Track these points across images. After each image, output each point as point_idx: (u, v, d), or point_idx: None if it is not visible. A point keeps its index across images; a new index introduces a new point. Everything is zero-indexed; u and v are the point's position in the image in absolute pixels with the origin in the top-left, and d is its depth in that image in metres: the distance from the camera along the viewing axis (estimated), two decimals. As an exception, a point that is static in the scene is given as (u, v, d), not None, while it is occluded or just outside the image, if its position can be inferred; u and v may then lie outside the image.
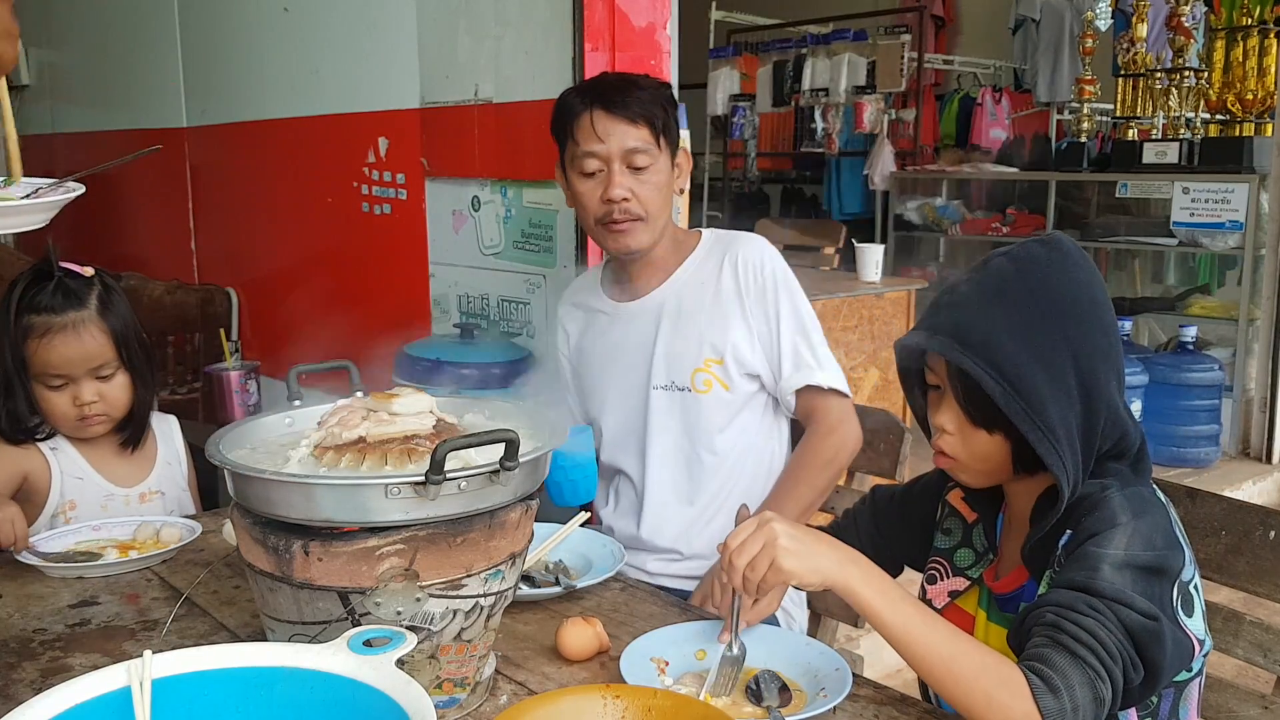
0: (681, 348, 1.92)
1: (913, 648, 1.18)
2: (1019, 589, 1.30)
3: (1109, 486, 1.21)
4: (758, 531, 1.24)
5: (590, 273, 2.15)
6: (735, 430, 1.93)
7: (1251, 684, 1.51)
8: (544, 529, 1.67)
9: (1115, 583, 1.13)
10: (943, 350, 1.23)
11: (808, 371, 1.89)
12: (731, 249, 1.94)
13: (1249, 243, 4.76)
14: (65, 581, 1.61)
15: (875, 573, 1.22)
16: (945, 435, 1.28)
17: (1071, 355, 1.20)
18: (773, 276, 1.91)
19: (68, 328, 1.79)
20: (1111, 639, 1.11)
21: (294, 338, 2.71)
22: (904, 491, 1.56)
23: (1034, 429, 1.18)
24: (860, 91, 6.78)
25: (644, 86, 1.88)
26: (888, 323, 3.78)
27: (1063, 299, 1.22)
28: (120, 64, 4.46)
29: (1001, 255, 1.26)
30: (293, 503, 1.13)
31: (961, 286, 1.26)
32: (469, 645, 1.21)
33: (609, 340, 2.01)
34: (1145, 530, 1.17)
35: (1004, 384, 1.18)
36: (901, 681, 1.48)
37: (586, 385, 2.03)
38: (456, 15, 2.84)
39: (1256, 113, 5.08)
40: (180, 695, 0.95)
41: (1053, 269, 1.23)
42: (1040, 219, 5.90)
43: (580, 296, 2.10)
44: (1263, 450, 4.74)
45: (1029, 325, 1.20)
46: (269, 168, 3.74)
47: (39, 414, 1.85)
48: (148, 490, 1.95)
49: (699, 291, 1.94)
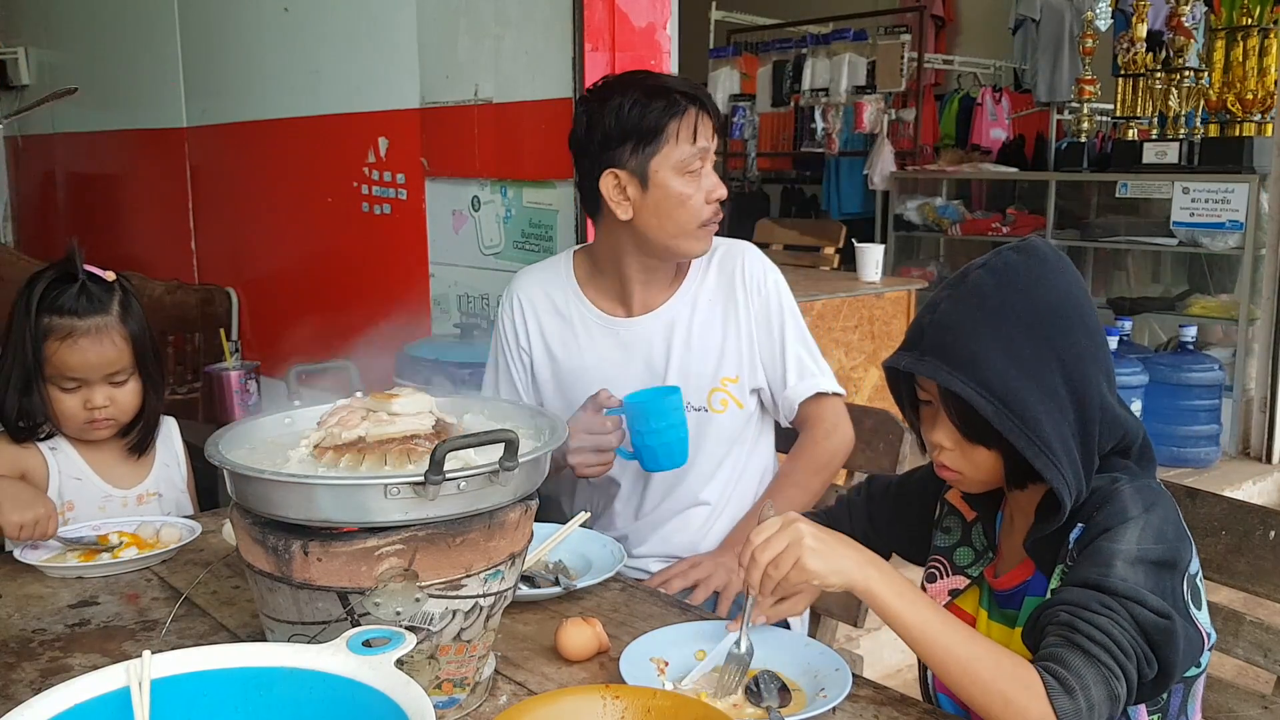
0: (699, 368, 1.89)
1: (931, 649, 1.18)
2: (1020, 585, 1.30)
3: (1118, 480, 1.21)
4: (783, 530, 1.24)
5: (552, 268, 2.00)
6: (745, 444, 1.93)
7: (1251, 684, 1.51)
8: (544, 529, 1.67)
9: (1129, 579, 1.14)
10: (931, 374, 1.22)
11: (812, 380, 1.89)
12: (734, 262, 1.91)
13: (1249, 243, 4.76)
14: (65, 581, 1.61)
15: (894, 575, 1.23)
16: (944, 451, 1.28)
17: (1059, 363, 1.19)
18: (775, 288, 1.91)
19: (90, 332, 1.79)
20: (1125, 637, 1.12)
21: (294, 338, 2.71)
22: (899, 484, 1.56)
23: (1030, 445, 1.18)
24: (860, 91, 6.78)
25: (689, 83, 1.87)
26: (888, 323, 3.78)
27: (1044, 307, 1.21)
28: (120, 64, 4.47)
29: (979, 268, 1.25)
30: (292, 503, 1.13)
31: (942, 304, 1.25)
32: (468, 645, 1.21)
33: (606, 357, 1.90)
34: (1156, 523, 1.17)
35: (995, 402, 1.18)
36: (901, 681, 1.48)
37: (576, 398, 1.86)
38: (456, 15, 2.85)
39: (1257, 113, 5.08)
40: (179, 695, 0.95)
41: (1031, 277, 1.22)
42: (1040, 219, 5.90)
43: (553, 297, 1.96)
44: (1263, 450, 4.74)
45: (1014, 338, 1.19)
46: (269, 168, 3.75)
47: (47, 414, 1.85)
48: (145, 492, 1.95)
49: (709, 309, 1.90)
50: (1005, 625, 1.32)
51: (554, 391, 1.96)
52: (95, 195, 4.78)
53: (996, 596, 1.34)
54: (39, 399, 1.81)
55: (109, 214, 4.67)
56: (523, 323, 1.97)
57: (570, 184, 2.54)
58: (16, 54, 5.10)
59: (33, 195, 5.25)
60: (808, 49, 7.01)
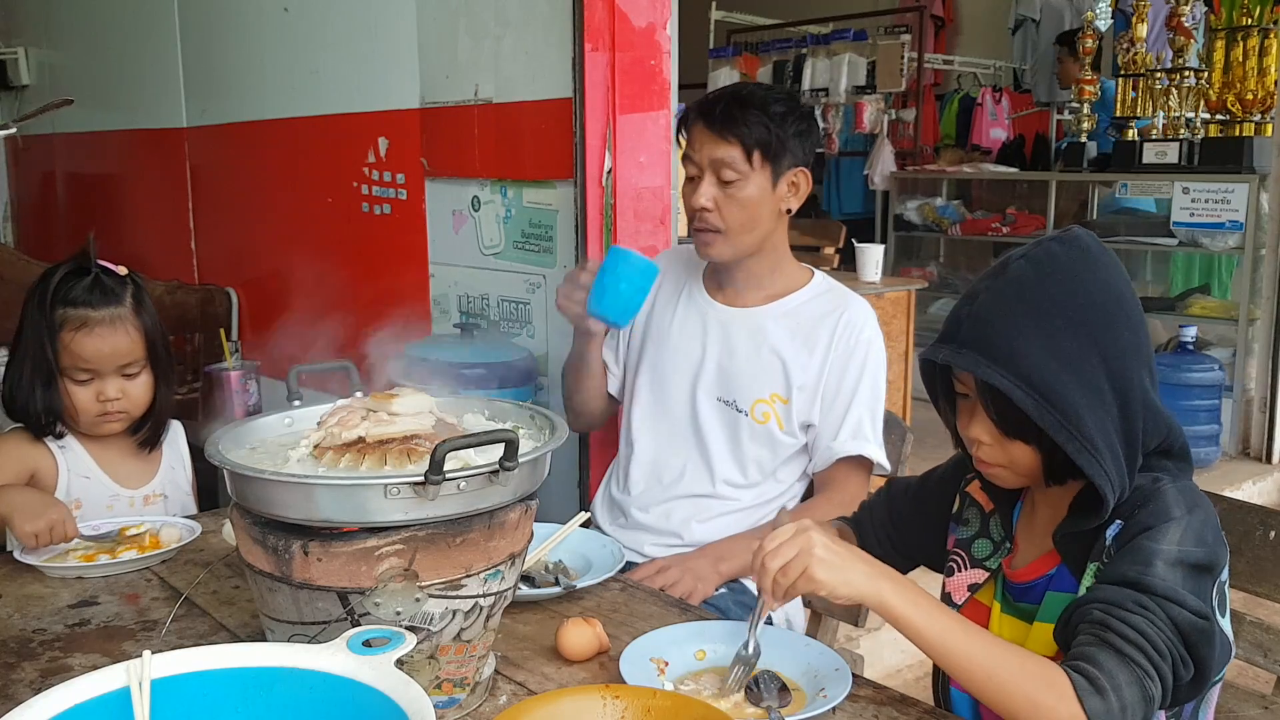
0: (752, 372, 1.94)
1: (952, 657, 1.17)
2: (1040, 579, 1.28)
3: (1160, 479, 1.20)
4: (795, 538, 1.23)
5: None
6: (775, 461, 1.95)
7: (1251, 684, 1.51)
8: (544, 529, 1.67)
9: (1168, 580, 1.12)
10: (970, 367, 1.19)
11: (862, 443, 1.91)
12: (843, 303, 1.96)
13: (1249, 243, 4.75)
14: (65, 581, 1.61)
15: (907, 585, 1.21)
16: (982, 446, 1.26)
17: (1101, 358, 1.17)
18: (868, 346, 1.94)
19: (105, 323, 1.81)
20: (1161, 637, 1.10)
21: (294, 338, 2.71)
22: (920, 483, 1.54)
23: (1071, 440, 1.15)
24: (860, 91, 6.78)
25: (753, 104, 1.86)
26: (888, 323, 3.78)
27: (1087, 299, 1.18)
28: (120, 64, 4.46)
29: (1020, 258, 1.22)
30: (292, 503, 1.13)
31: (981, 295, 1.22)
32: (468, 645, 1.21)
33: (686, 328, 2.01)
34: (1197, 526, 1.16)
35: (1036, 396, 1.15)
36: (901, 681, 1.48)
37: (648, 351, 2.04)
38: (456, 15, 2.84)
39: (1257, 113, 5.07)
40: (180, 695, 0.95)
41: (1074, 268, 1.19)
42: (1040, 219, 5.90)
43: (690, 264, 2.07)
44: (1263, 450, 4.74)
45: (1055, 331, 1.17)
46: (269, 168, 3.74)
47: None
48: (152, 493, 1.96)
49: (794, 329, 1.95)
50: (1019, 619, 1.29)
51: (639, 335, 2.08)
52: (95, 195, 4.77)
53: (1012, 589, 1.32)
54: (60, 394, 1.83)
55: (109, 214, 4.67)
56: (660, 274, 2.07)
57: (570, 184, 2.54)
58: (16, 54, 5.10)
59: (33, 195, 5.25)
60: (808, 49, 7.01)
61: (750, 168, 1.86)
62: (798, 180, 1.92)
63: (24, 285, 1.92)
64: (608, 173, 2.47)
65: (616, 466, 2.10)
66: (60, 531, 1.66)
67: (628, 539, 1.96)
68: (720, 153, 1.86)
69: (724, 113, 1.86)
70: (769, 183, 1.88)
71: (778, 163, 1.88)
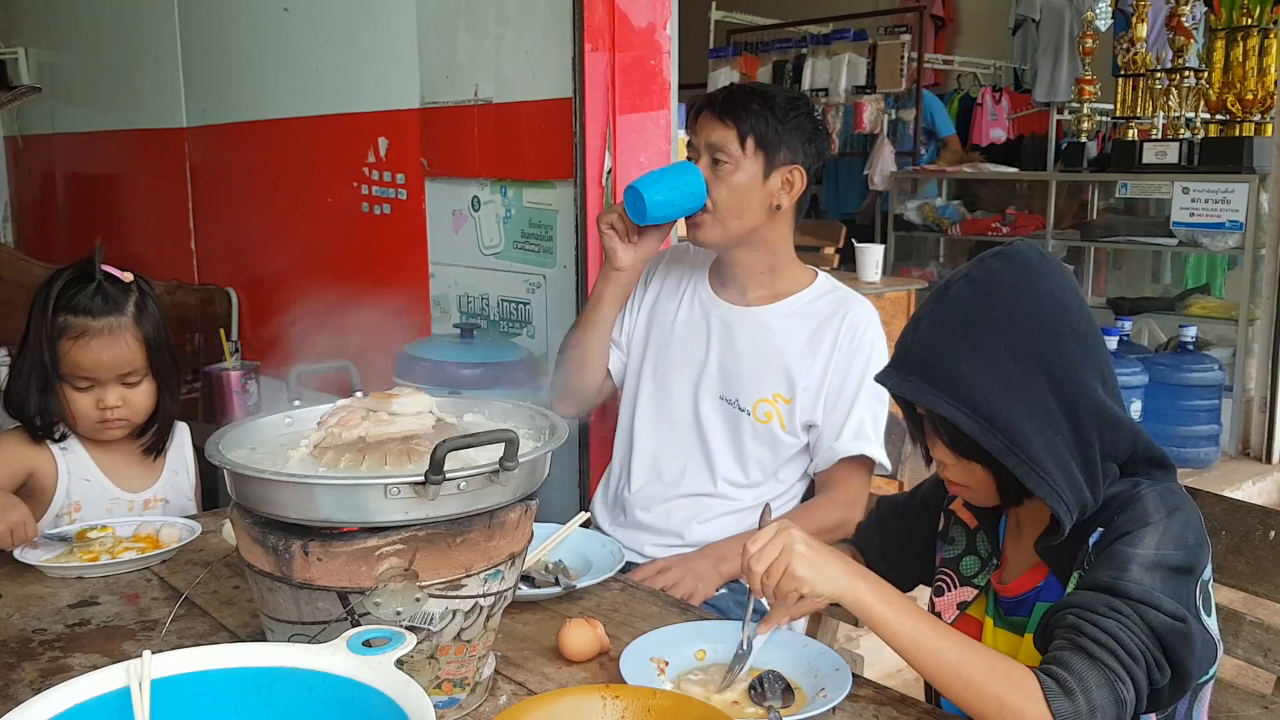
0: (754, 370, 1.94)
1: (922, 657, 1.18)
2: (1030, 592, 1.28)
3: (1140, 484, 1.20)
4: (776, 538, 1.24)
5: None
6: (777, 462, 1.95)
7: (1251, 684, 1.51)
8: (544, 529, 1.67)
9: (1143, 583, 1.12)
10: (915, 396, 1.21)
11: (864, 443, 1.90)
12: (848, 305, 1.96)
13: (1249, 243, 4.75)
14: (65, 581, 1.61)
15: (883, 585, 1.23)
16: (947, 466, 1.27)
17: (1047, 375, 1.16)
18: (870, 344, 1.94)
19: (103, 332, 1.79)
20: (1134, 640, 1.10)
21: (294, 338, 2.71)
22: (906, 502, 1.55)
23: (1020, 464, 1.16)
24: (860, 91, 6.78)
25: (758, 95, 1.89)
26: (888, 323, 3.74)
27: (1028, 316, 1.18)
28: (120, 64, 4.46)
29: (961, 279, 1.22)
30: (292, 503, 1.13)
31: (924, 320, 1.22)
32: (468, 645, 1.21)
33: (692, 323, 2.02)
34: (1177, 528, 1.16)
35: (981, 422, 1.16)
36: (901, 681, 1.48)
37: (652, 346, 2.04)
38: (456, 15, 2.84)
39: (1257, 113, 5.07)
40: (180, 695, 0.95)
41: (1014, 286, 1.19)
42: (1040, 219, 5.90)
43: (695, 263, 2.09)
44: (1263, 450, 4.74)
45: (997, 353, 1.17)
46: (269, 168, 3.74)
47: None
48: (153, 497, 1.95)
49: (797, 331, 1.95)
50: (1012, 633, 1.30)
51: (643, 328, 2.08)
52: (95, 195, 4.77)
53: (1002, 603, 1.32)
54: (58, 399, 1.82)
55: (109, 214, 4.66)
56: (664, 267, 2.11)
57: (570, 184, 2.54)
58: (16, 54, 5.09)
59: (33, 195, 5.25)
60: (808, 49, 7.00)
61: (743, 153, 1.87)
62: (792, 178, 1.91)
63: (24, 285, 1.92)
64: (608, 173, 2.47)
65: (616, 464, 2.10)
66: (21, 534, 1.66)
67: (628, 539, 1.96)
68: (716, 136, 1.88)
69: (728, 99, 1.89)
70: (760, 172, 1.89)
71: (772, 155, 1.88)
